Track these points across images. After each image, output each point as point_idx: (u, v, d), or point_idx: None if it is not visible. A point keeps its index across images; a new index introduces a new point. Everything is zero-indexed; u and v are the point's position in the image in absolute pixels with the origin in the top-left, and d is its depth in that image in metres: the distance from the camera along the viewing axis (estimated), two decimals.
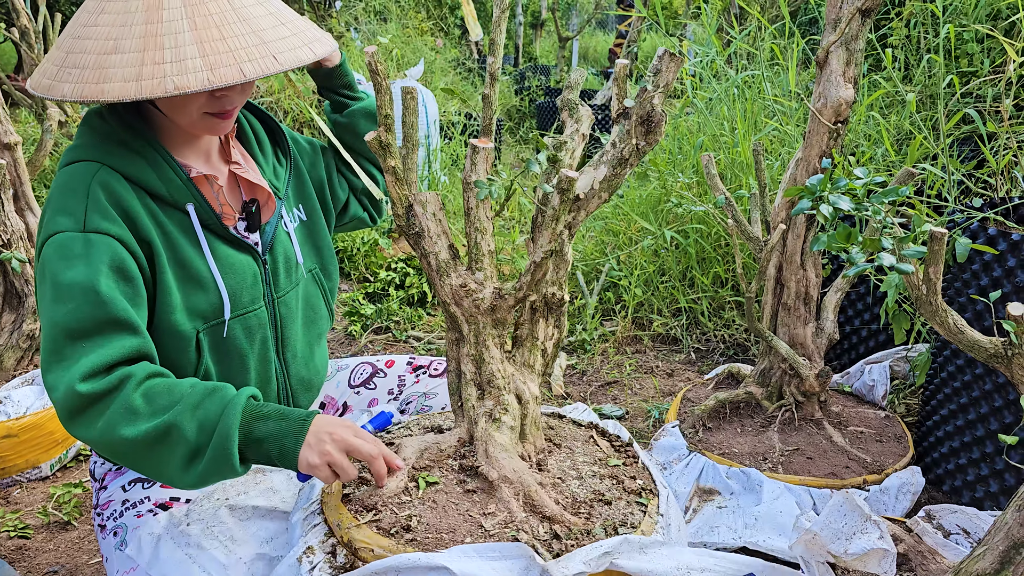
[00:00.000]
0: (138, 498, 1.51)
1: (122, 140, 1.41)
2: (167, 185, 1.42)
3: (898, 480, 1.95)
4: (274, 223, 1.59)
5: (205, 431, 1.27)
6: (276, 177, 1.63)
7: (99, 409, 1.28)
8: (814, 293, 2.14)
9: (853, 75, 1.93)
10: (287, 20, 1.41)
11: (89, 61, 1.29)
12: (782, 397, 2.19)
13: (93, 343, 1.31)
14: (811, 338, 2.15)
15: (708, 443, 2.11)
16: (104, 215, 1.35)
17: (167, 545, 1.40)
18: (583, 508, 1.30)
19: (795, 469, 1.98)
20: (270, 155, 1.64)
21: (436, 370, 1.90)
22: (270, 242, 1.58)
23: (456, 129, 5.79)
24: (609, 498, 1.31)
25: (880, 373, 2.34)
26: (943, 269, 2.23)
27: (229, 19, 1.33)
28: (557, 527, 1.23)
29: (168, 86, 1.25)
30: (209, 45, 1.29)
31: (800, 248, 2.10)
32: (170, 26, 1.29)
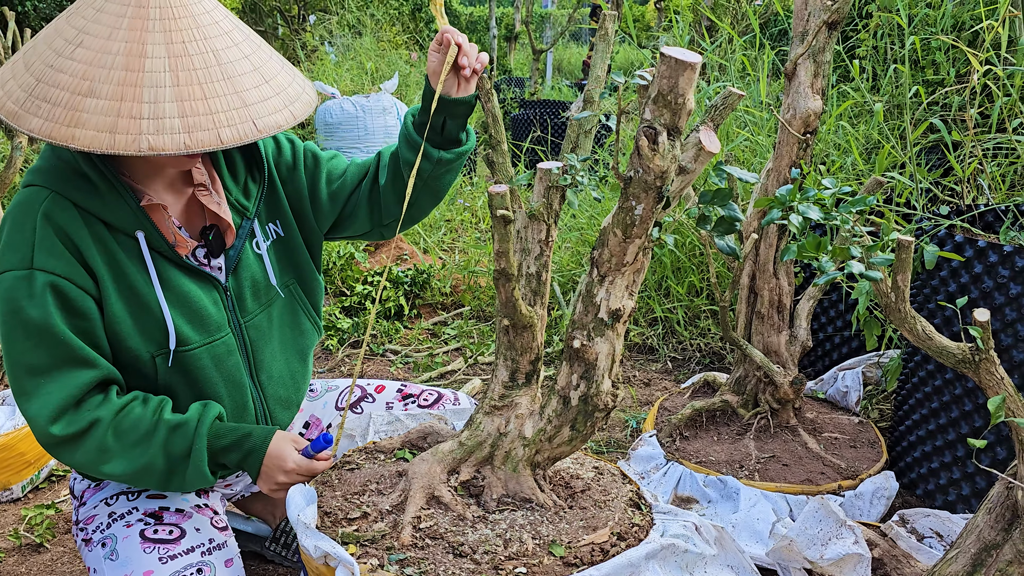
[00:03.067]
0: (125, 510, 1.53)
1: (76, 169, 1.39)
2: (114, 213, 1.41)
3: (872, 485, 1.98)
4: (239, 246, 1.57)
5: (177, 466, 1.43)
6: (246, 195, 1.60)
7: (75, 447, 1.38)
8: (787, 301, 2.17)
9: (821, 86, 1.96)
10: (271, 77, 1.38)
11: (62, 99, 1.24)
12: (757, 405, 2.21)
13: (53, 380, 1.35)
14: (785, 346, 2.18)
15: (685, 452, 2.12)
16: (50, 251, 1.35)
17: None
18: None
19: (771, 476, 2.00)
20: (241, 172, 1.60)
21: (426, 400, 1.87)
22: (234, 266, 1.56)
23: None
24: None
25: (853, 379, 2.37)
26: (912, 276, 2.26)
27: (213, 76, 1.29)
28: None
29: (142, 145, 1.22)
30: (190, 105, 1.26)
31: (773, 257, 2.13)
32: (151, 77, 1.25)
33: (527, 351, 1.38)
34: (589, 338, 1.29)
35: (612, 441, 2.60)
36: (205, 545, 1.48)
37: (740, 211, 1.23)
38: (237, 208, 1.58)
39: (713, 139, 1.27)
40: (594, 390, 1.30)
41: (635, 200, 1.17)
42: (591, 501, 1.40)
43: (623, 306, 1.29)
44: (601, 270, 1.27)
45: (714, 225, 1.24)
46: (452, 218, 5.04)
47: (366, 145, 4.95)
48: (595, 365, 1.29)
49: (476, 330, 3.57)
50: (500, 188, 1.22)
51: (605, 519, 1.33)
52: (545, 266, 1.43)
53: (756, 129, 3.69)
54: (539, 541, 1.26)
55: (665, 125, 1.11)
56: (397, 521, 1.30)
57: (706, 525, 1.37)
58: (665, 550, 1.25)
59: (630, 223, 1.19)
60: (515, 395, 1.39)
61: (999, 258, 1.94)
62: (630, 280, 1.30)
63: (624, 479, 1.54)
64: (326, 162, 1.73)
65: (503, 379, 1.40)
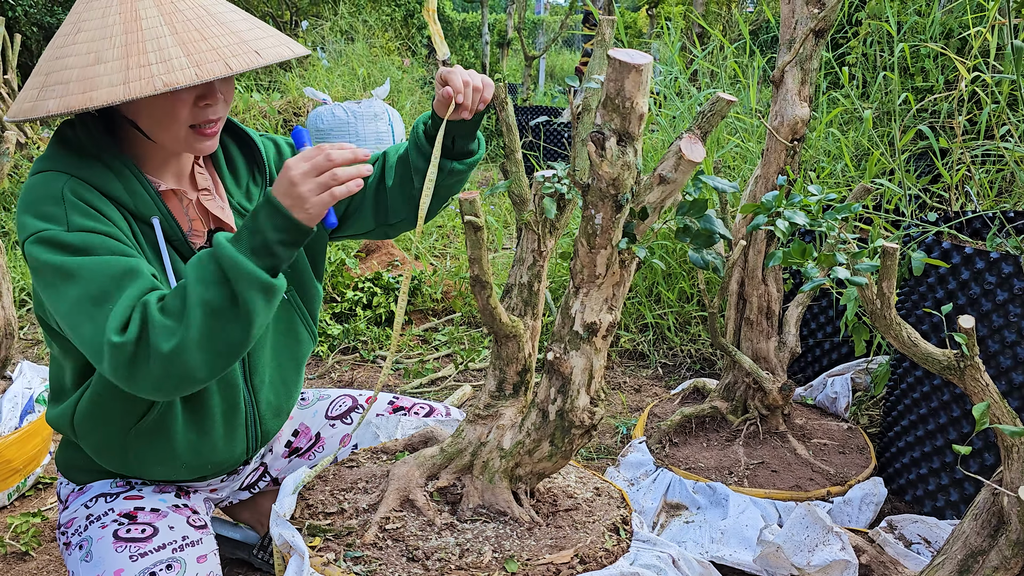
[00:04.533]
0: (101, 511, 1.52)
1: (90, 152, 1.41)
2: (133, 197, 1.42)
3: (861, 491, 1.98)
4: None
5: (224, 288, 1.26)
6: (248, 199, 1.61)
7: (142, 349, 1.26)
8: (776, 307, 2.17)
9: (808, 94, 1.97)
10: (261, 25, 1.46)
11: (72, 76, 1.30)
12: (747, 411, 2.21)
13: (114, 301, 1.30)
14: (774, 352, 2.18)
15: (675, 458, 2.12)
16: (85, 215, 1.35)
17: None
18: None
19: (760, 482, 2.00)
20: (244, 176, 1.62)
21: (417, 414, 1.87)
22: None
23: None
24: None
25: (842, 385, 2.37)
26: (899, 283, 2.27)
27: (207, 23, 1.37)
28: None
29: (157, 84, 1.27)
30: (192, 45, 1.32)
31: (761, 264, 2.13)
32: (151, 32, 1.32)
33: (513, 361, 1.38)
34: (564, 351, 1.28)
35: (603, 447, 2.60)
36: (177, 542, 1.49)
37: (721, 223, 1.23)
38: (240, 212, 1.59)
39: (696, 148, 1.26)
40: (569, 405, 1.28)
41: (594, 209, 1.16)
42: (570, 521, 1.39)
43: (599, 320, 1.27)
44: (576, 281, 1.27)
45: (692, 238, 1.23)
46: (444, 224, 5.04)
47: None
48: (570, 379, 1.28)
49: (467, 336, 3.57)
50: (469, 194, 1.21)
51: (575, 540, 1.31)
52: (538, 276, 1.43)
53: (747, 136, 3.70)
54: (498, 555, 1.25)
55: (615, 130, 1.09)
56: (368, 520, 1.29)
57: (688, 559, 1.35)
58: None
59: (592, 232, 1.18)
60: (501, 405, 1.38)
61: (986, 264, 1.95)
62: (609, 293, 1.28)
63: (621, 504, 1.51)
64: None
65: (490, 389, 1.40)
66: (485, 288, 1.25)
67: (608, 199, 1.13)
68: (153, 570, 1.41)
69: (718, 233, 1.19)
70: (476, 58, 14.38)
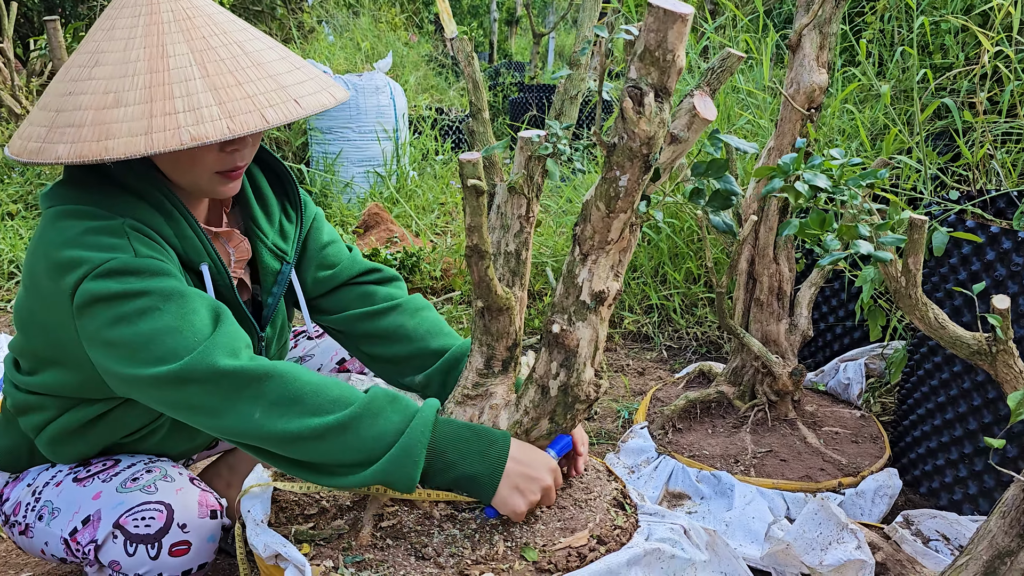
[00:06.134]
0: (48, 477, 1.43)
1: (131, 188, 1.26)
2: (182, 242, 1.29)
3: (875, 483, 1.87)
4: (278, 295, 1.47)
5: (382, 441, 1.13)
6: (283, 238, 1.49)
7: (252, 393, 1.13)
8: (787, 288, 2.06)
9: (826, 60, 1.84)
10: (300, 65, 1.31)
11: (86, 118, 1.14)
12: (755, 396, 2.10)
13: (211, 323, 1.18)
14: (784, 335, 2.07)
15: (678, 445, 2.02)
16: (152, 248, 1.22)
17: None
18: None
19: (768, 472, 1.89)
20: (275, 212, 1.49)
21: (317, 331, 1.83)
22: (271, 317, 1.48)
23: (426, 123, 5.68)
24: None
25: (855, 371, 2.26)
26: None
27: (242, 64, 1.22)
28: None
29: (184, 137, 1.12)
30: (225, 92, 1.17)
31: (773, 241, 2.01)
32: (179, 73, 1.16)
33: (503, 336, 1.27)
34: (570, 323, 1.18)
35: (603, 432, 2.50)
36: (145, 461, 1.42)
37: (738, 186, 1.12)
38: (275, 253, 1.47)
39: (709, 105, 1.16)
40: (575, 379, 1.19)
41: (619, 170, 1.06)
42: (571, 500, 1.29)
43: (607, 288, 1.18)
44: (583, 248, 1.16)
45: (708, 199, 1.14)
46: (446, 201, 4.92)
47: (358, 125, 4.83)
48: (576, 352, 1.18)
49: (467, 315, 3.46)
50: (472, 155, 1.10)
51: (585, 520, 1.22)
52: (525, 244, 1.32)
53: (759, 112, 3.57)
54: (511, 544, 1.15)
55: (652, 85, 1.00)
56: (357, 518, 1.19)
57: (696, 528, 1.26)
58: (649, 555, 1.15)
59: (614, 196, 1.08)
60: (490, 384, 1.28)
61: (1013, 244, 1.83)
62: (615, 260, 1.19)
63: (610, 476, 1.44)
64: (323, 245, 1.61)
65: (477, 366, 1.29)
66: (484, 258, 1.15)
67: (638, 159, 1.03)
68: (135, 476, 1.34)
69: (737, 195, 1.08)
70: (484, 36, 14.19)
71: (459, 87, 8.21)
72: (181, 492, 1.32)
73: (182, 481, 1.36)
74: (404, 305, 1.57)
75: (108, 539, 1.27)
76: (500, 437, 1.19)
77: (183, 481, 1.36)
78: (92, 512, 1.30)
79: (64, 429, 1.38)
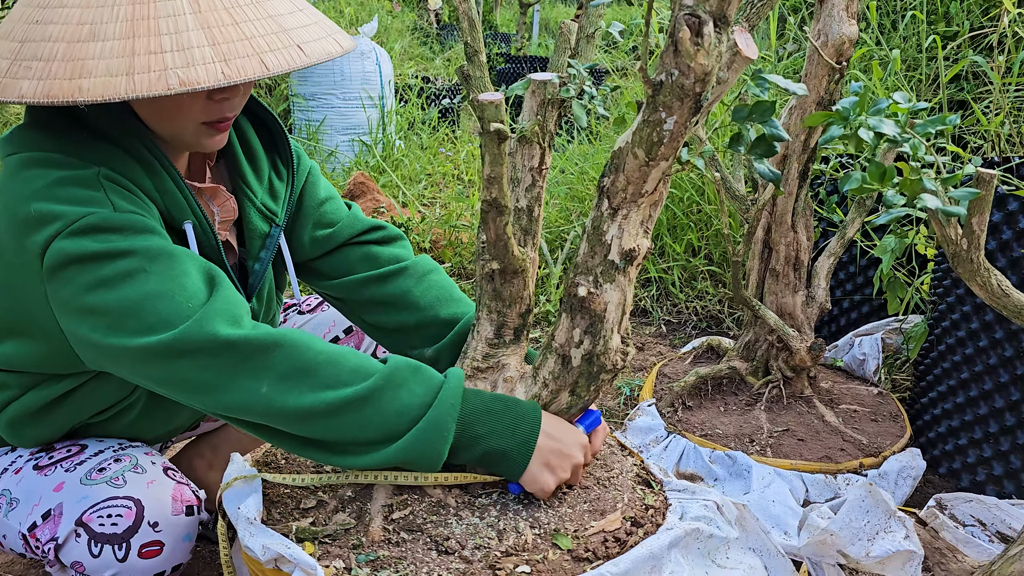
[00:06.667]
0: (7, 463, 1.28)
1: (99, 131, 1.10)
2: (164, 196, 1.14)
3: (897, 463, 1.77)
4: (266, 260, 1.32)
5: (406, 415, 1.02)
6: (273, 197, 1.33)
7: (258, 365, 1.00)
8: (805, 258, 1.94)
9: (857, 10, 1.71)
10: (302, 6, 1.15)
11: (57, 51, 0.98)
12: (768, 372, 1.99)
13: (206, 286, 1.05)
14: (801, 307, 1.95)
15: (688, 423, 1.90)
16: (132, 203, 1.07)
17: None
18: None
19: (785, 452, 1.78)
20: (265, 169, 1.33)
21: (310, 305, 1.70)
22: (258, 284, 1.32)
23: (412, 92, 5.50)
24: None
25: (871, 346, 2.15)
26: None
27: (240, 0, 1.06)
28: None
29: (171, 81, 0.96)
30: (219, 31, 1.02)
31: (792, 208, 1.89)
32: (166, 7, 1.00)
33: (516, 301, 1.14)
34: (596, 284, 1.05)
35: (604, 410, 2.38)
36: (114, 447, 1.27)
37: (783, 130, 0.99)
38: (264, 214, 1.32)
39: (750, 43, 1.03)
40: (601, 347, 1.06)
41: (665, 111, 0.92)
42: (593, 479, 1.17)
43: (637, 246, 1.05)
44: (614, 201, 1.03)
45: (751, 145, 1.01)
46: (433, 171, 4.76)
47: (342, 91, 4.64)
48: (603, 317, 1.06)
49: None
50: (493, 96, 0.96)
51: (613, 501, 1.10)
52: (538, 199, 1.18)
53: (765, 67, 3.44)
54: (539, 531, 1.03)
55: (711, 13, 0.87)
56: (363, 510, 1.06)
57: (727, 504, 1.16)
58: (688, 536, 1.03)
59: (656, 141, 0.94)
60: (501, 354, 1.15)
61: None
62: (646, 214, 1.06)
63: (624, 451, 1.32)
64: (320, 201, 1.46)
65: (487, 335, 1.16)
66: (502, 214, 1.01)
67: (689, 99, 0.90)
68: (102, 466, 1.19)
69: (784, 140, 0.96)
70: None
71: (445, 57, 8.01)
72: (153, 485, 1.18)
73: (154, 472, 1.22)
74: (411, 268, 1.43)
75: (70, 537, 1.13)
76: (531, 409, 1.09)
77: (156, 472, 1.22)
78: (53, 506, 1.16)
79: (26, 410, 1.23)
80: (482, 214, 1.03)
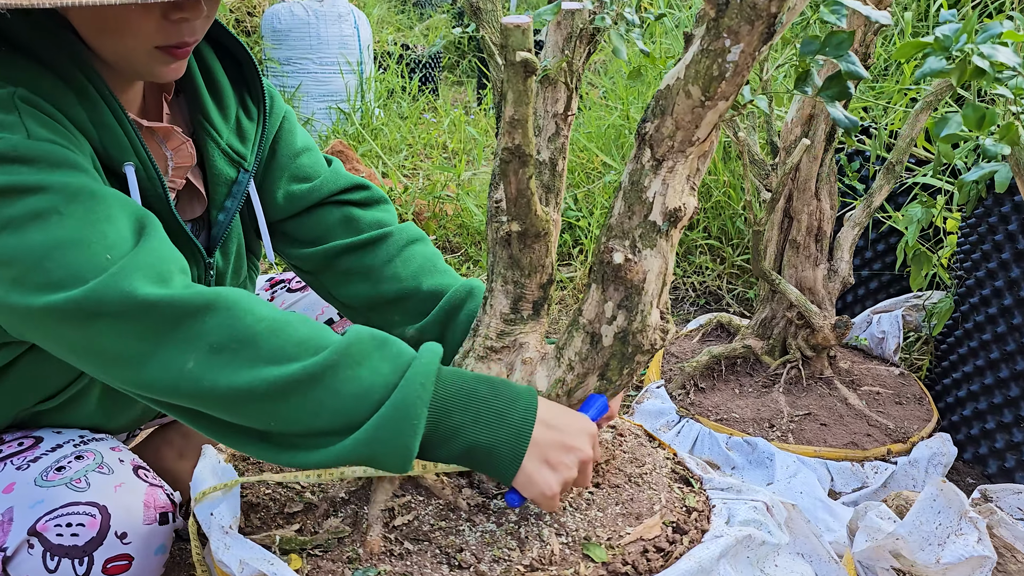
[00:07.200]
0: None
1: (20, 44, 0.92)
2: (100, 131, 0.95)
3: (928, 450, 1.64)
4: (232, 210, 1.14)
5: (367, 399, 0.81)
6: (240, 138, 1.16)
7: (185, 333, 0.81)
8: (828, 228, 1.80)
9: None
10: None
11: None
12: (786, 352, 1.85)
13: (133, 235, 0.87)
14: (822, 282, 1.81)
15: (702, 407, 1.76)
16: (53, 130, 0.89)
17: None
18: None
19: (808, 438, 1.65)
20: (232, 106, 1.16)
21: (298, 283, 1.55)
22: (222, 237, 1.14)
23: (392, 59, 5.28)
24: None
25: (891, 324, 2.02)
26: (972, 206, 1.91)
27: None
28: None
29: None
30: None
31: (816, 173, 1.74)
32: None
33: (537, 270, 0.98)
34: (634, 250, 0.89)
35: None
36: (75, 440, 1.09)
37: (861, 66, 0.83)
38: (230, 157, 1.14)
39: None
40: (638, 324, 0.90)
41: (731, 37, 0.76)
42: (623, 476, 1.02)
43: (684, 204, 0.89)
44: (658, 151, 0.87)
45: (823, 85, 0.85)
46: (414, 142, 4.56)
47: (319, 56, 4.42)
48: (641, 289, 0.90)
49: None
50: (519, 19, 0.79)
51: (649, 502, 0.95)
52: (562, 151, 1.02)
53: None
54: (567, 539, 0.88)
55: None
56: (359, 515, 0.90)
57: (776, 504, 1.01)
58: (739, 544, 0.89)
59: (717, 75, 0.78)
60: (519, 331, 0.99)
61: None
62: (693, 168, 0.90)
63: (652, 441, 1.17)
64: (297, 151, 1.28)
65: (502, 310, 1.00)
66: (526, 164, 0.85)
67: (761, 21, 0.74)
68: (60, 464, 1.02)
69: (862, 78, 0.80)
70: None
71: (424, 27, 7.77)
72: (121, 489, 1.00)
73: (123, 472, 1.04)
74: (394, 236, 1.26)
75: (22, 548, 0.95)
76: (524, 393, 0.89)
77: (124, 472, 1.04)
78: (2, 511, 0.98)
79: None
80: (501, 165, 0.86)
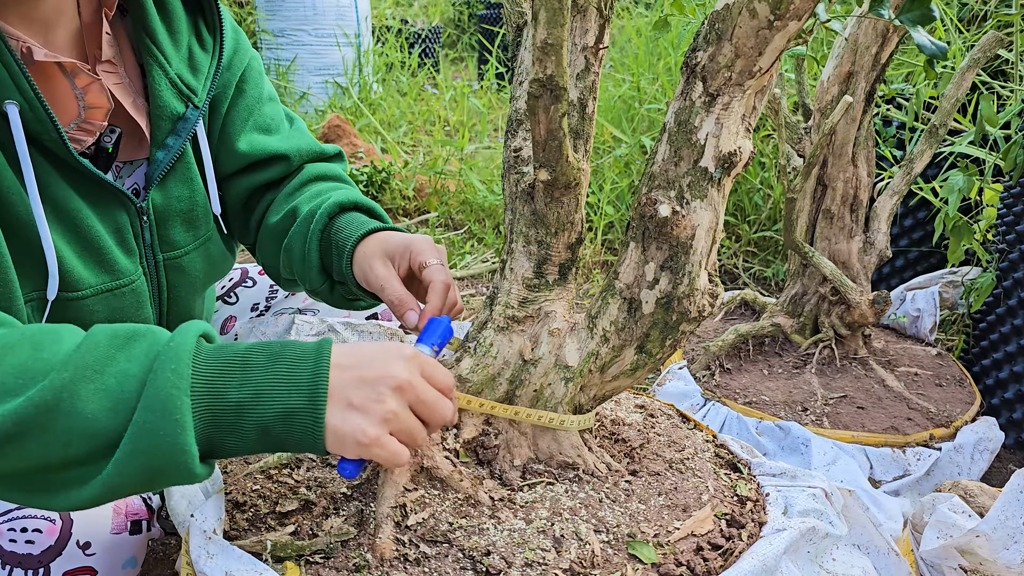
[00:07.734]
0: None
1: None
2: None
3: (973, 435, 1.52)
4: (174, 147, 1.01)
5: (119, 410, 0.65)
6: (192, 70, 1.03)
7: None
8: (864, 197, 1.67)
9: None
10: None
11: None
12: (818, 330, 1.72)
13: None
14: (857, 255, 1.68)
15: (728, 389, 1.63)
16: None
17: None
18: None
19: (844, 422, 1.53)
20: (184, 32, 1.03)
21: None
22: (162, 177, 1.01)
23: (391, 33, 5.12)
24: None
25: (927, 301, 1.89)
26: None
27: None
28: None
29: None
30: None
31: (853, 137, 1.61)
32: None
33: (565, 227, 0.85)
34: (682, 202, 0.76)
35: None
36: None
37: None
38: (179, 89, 1.01)
39: None
40: (685, 288, 0.78)
41: None
42: (662, 462, 0.89)
43: (739, 148, 0.76)
44: (712, 84, 0.74)
45: (904, 7, 0.73)
46: (413, 118, 4.42)
47: (315, 28, 4.27)
48: (689, 247, 0.77)
49: (444, 240, 3.03)
50: None
51: (696, 491, 0.83)
52: (592, 90, 0.89)
53: None
54: (608, 536, 0.76)
55: None
56: (365, 514, 0.77)
57: (834, 491, 0.90)
58: (802, 537, 0.77)
59: None
60: (544, 299, 0.86)
61: None
62: (749, 106, 0.77)
63: (688, 423, 1.05)
64: (264, 98, 1.16)
65: (524, 274, 0.87)
66: (559, 100, 0.71)
67: None
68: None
69: None
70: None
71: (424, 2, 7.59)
72: None
73: None
74: (302, 173, 1.17)
75: None
76: (313, 346, 0.72)
77: None
78: None
79: None
80: (530, 101, 0.73)
